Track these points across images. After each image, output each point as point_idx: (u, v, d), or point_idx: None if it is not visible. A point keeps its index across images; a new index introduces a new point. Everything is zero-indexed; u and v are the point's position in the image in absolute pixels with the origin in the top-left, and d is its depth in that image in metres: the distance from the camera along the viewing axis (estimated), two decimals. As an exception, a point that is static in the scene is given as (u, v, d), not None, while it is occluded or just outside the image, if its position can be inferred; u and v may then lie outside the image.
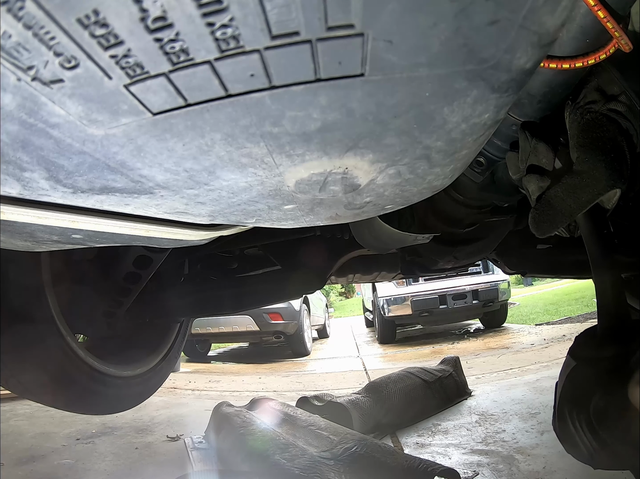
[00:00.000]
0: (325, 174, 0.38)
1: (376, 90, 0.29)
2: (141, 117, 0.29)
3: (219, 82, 0.27)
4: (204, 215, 0.47)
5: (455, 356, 2.00)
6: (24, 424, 1.78)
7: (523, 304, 7.54)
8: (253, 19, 0.23)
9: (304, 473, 0.97)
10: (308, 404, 1.57)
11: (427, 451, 1.28)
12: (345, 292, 22.96)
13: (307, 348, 4.60)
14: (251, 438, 1.16)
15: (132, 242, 0.58)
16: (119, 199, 0.41)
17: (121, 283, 1.24)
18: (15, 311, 0.94)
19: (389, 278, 2.02)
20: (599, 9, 0.30)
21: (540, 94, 0.44)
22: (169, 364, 1.57)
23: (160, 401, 2.18)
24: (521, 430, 1.37)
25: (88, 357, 1.12)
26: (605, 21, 0.31)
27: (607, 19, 0.31)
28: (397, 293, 4.56)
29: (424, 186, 0.45)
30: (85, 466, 1.29)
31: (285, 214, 0.48)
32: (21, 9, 0.22)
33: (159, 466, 1.27)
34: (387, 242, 1.04)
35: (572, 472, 1.03)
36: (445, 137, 0.35)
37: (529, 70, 0.32)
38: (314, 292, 1.45)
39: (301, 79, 0.27)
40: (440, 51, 0.26)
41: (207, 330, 4.17)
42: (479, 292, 4.39)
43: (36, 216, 0.44)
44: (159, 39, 0.24)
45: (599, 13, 0.30)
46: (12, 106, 0.27)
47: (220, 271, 1.55)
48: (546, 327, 4.39)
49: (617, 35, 0.32)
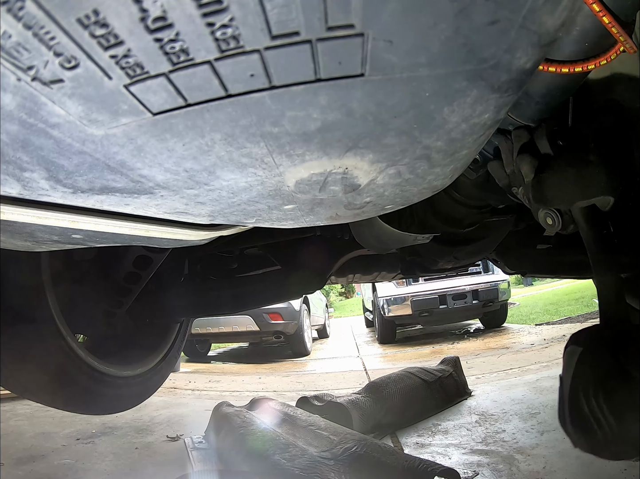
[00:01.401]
0: (325, 174, 0.38)
1: (376, 90, 0.29)
2: (141, 117, 0.29)
3: (219, 82, 0.27)
4: (204, 215, 0.47)
5: (455, 356, 2.00)
6: (24, 424, 1.78)
7: (523, 304, 7.53)
8: (253, 19, 0.23)
9: (304, 473, 0.97)
10: (308, 404, 1.56)
11: (427, 451, 1.28)
12: (345, 292, 22.95)
13: (307, 348, 4.60)
14: (251, 438, 1.16)
15: (132, 242, 0.58)
16: (119, 199, 0.41)
17: (121, 283, 1.24)
18: (15, 311, 0.94)
19: (389, 278, 2.03)
20: (604, 14, 0.30)
21: (539, 96, 0.44)
22: (169, 364, 1.57)
23: (160, 401, 2.18)
24: (521, 430, 1.37)
25: (88, 357, 1.12)
26: (610, 26, 0.31)
27: (612, 24, 0.31)
28: (397, 293, 4.56)
29: (424, 186, 0.45)
30: (85, 466, 1.29)
31: (285, 214, 0.48)
32: (21, 9, 0.22)
33: (159, 466, 1.27)
34: (387, 242, 1.04)
35: (572, 472, 1.03)
36: (445, 137, 0.35)
37: (529, 71, 0.32)
38: (314, 292, 1.45)
39: (301, 79, 0.27)
40: (440, 51, 0.26)
41: (207, 330, 4.17)
42: (479, 292, 4.38)
43: (36, 216, 0.44)
44: (159, 39, 0.24)
45: (604, 19, 0.30)
46: (12, 106, 0.27)
47: (220, 271, 1.55)
48: (546, 327, 4.39)
49: (622, 40, 0.32)
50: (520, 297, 9.10)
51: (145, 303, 1.36)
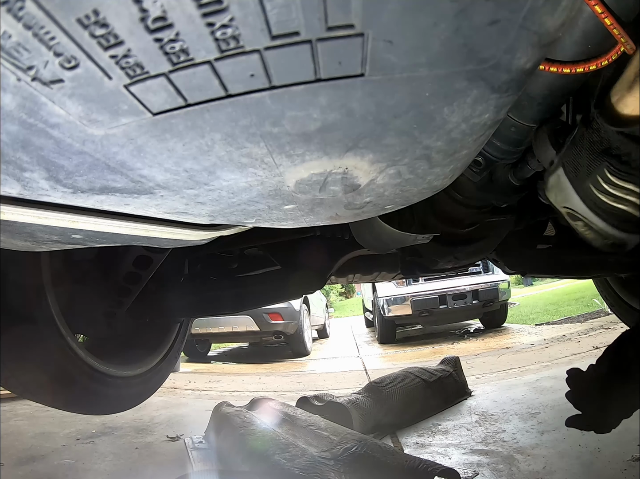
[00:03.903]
0: (325, 174, 0.38)
1: (376, 90, 0.29)
2: (141, 117, 0.29)
3: (219, 82, 0.27)
4: (204, 215, 0.47)
5: (455, 356, 2.00)
6: (24, 424, 1.78)
7: (523, 304, 7.53)
8: (253, 19, 0.23)
9: (304, 473, 0.97)
10: (308, 404, 1.56)
11: (427, 451, 1.28)
12: (345, 292, 22.95)
13: (307, 348, 4.60)
14: (251, 438, 1.16)
15: (132, 242, 0.58)
16: (119, 199, 0.41)
17: (121, 283, 1.23)
18: (15, 311, 0.94)
19: (389, 278, 2.02)
20: (606, 16, 0.30)
21: (540, 97, 0.44)
22: (169, 364, 1.57)
23: (160, 401, 2.18)
24: (521, 430, 1.37)
25: (88, 357, 1.12)
26: (612, 28, 0.31)
27: (613, 25, 0.31)
28: (397, 293, 4.56)
29: (424, 186, 0.45)
30: (85, 466, 1.29)
31: (285, 214, 0.48)
32: (21, 9, 0.22)
33: (159, 466, 1.27)
34: (387, 242, 1.04)
35: (572, 472, 1.03)
36: (445, 137, 0.35)
37: (529, 71, 0.32)
38: (314, 292, 1.45)
39: (301, 79, 0.27)
40: (440, 51, 0.26)
41: (207, 330, 4.17)
42: (479, 292, 4.39)
43: (36, 216, 0.44)
44: (159, 39, 0.24)
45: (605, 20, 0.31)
46: (12, 106, 0.27)
47: (221, 271, 1.55)
48: (546, 327, 4.38)
49: (623, 41, 0.32)
50: (520, 297, 9.10)
51: (145, 303, 1.36)
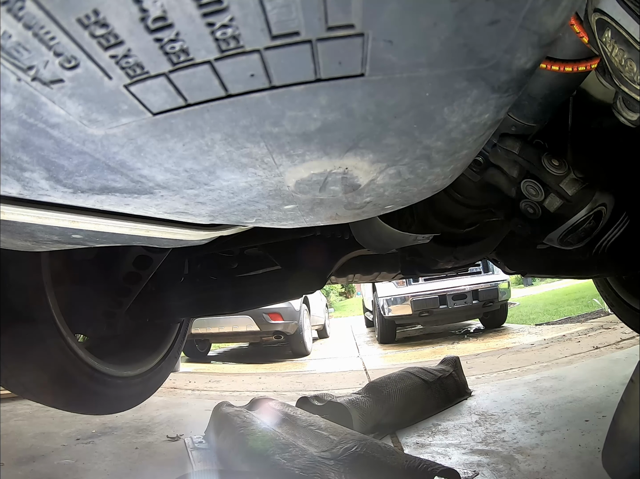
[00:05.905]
0: (325, 174, 0.38)
1: (376, 90, 0.29)
2: (141, 117, 0.29)
3: (219, 82, 0.27)
4: (204, 215, 0.47)
5: (455, 356, 2.00)
6: (24, 424, 1.78)
7: (523, 304, 7.53)
8: (253, 19, 0.23)
9: (304, 473, 0.97)
10: (308, 404, 1.56)
11: (427, 451, 1.28)
12: (345, 292, 22.94)
13: (307, 348, 4.61)
14: (251, 438, 1.16)
15: (132, 242, 0.58)
16: (119, 199, 0.41)
17: (121, 283, 1.24)
18: (15, 311, 0.94)
19: (389, 278, 2.02)
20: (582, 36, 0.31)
21: (541, 96, 0.44)
22: (169, 364, 1.57)
23: (160, 401, 2.18)
24: (521, 430, 1.37)
25: (88, 357, 1.12)
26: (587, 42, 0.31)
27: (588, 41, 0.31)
28: (397, 293, 4.56)
29: (424, 186, 0.45)
30: (85, 466, 1.29)
31: (285, 214, 0.48)
32: (21, 9, 0.22)
33: (159, 466, 1.27)
34: (387, 242, 1.04)
35: (572, 472, 1.03)
36: (446, 137, 0.35)
37: (529, 71, 0.32)
38: (314, 292, 1.45)
39: (301, 79, 0.27)
40: (440, 51, 0.26)
41: (207, 330, 4.17)
42: (479, 292, 4.39)
43: (36, 216, 0.44)
44: (159, 39, 0.24)
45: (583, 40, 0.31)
46: (12, 106, 0.27)
47: (221, 271, 1.55)
48: (546, 327, 4.38)
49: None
50: (520, 297, 9.10)
51: (145, 303, 1.36)
